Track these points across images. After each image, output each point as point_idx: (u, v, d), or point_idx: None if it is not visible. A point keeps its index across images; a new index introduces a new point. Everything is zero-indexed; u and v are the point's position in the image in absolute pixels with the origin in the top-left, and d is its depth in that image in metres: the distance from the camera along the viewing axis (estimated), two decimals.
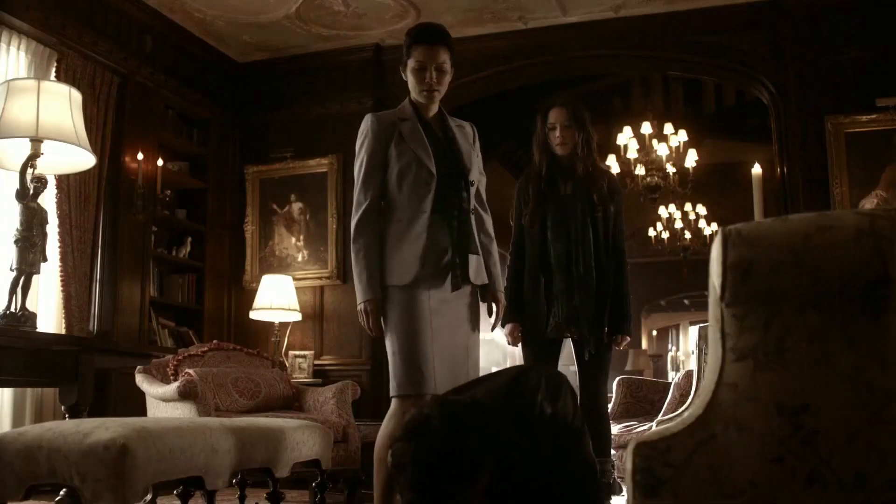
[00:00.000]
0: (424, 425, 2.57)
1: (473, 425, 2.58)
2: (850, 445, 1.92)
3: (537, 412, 2.78)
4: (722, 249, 1.90)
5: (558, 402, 2.81)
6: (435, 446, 2.52)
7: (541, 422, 2.78)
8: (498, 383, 2.91)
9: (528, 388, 2.84)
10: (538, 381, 2.84)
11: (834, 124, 7.51)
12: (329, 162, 8.73)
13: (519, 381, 2.87)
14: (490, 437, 2.59)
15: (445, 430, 2.54)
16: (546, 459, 2.73)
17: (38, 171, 4.48)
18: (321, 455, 4.02)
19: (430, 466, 2.52)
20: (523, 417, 2.77)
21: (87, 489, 2.68)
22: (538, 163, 5.04)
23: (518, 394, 2.83)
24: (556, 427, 2.78)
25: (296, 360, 8.53)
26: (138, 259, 7.88)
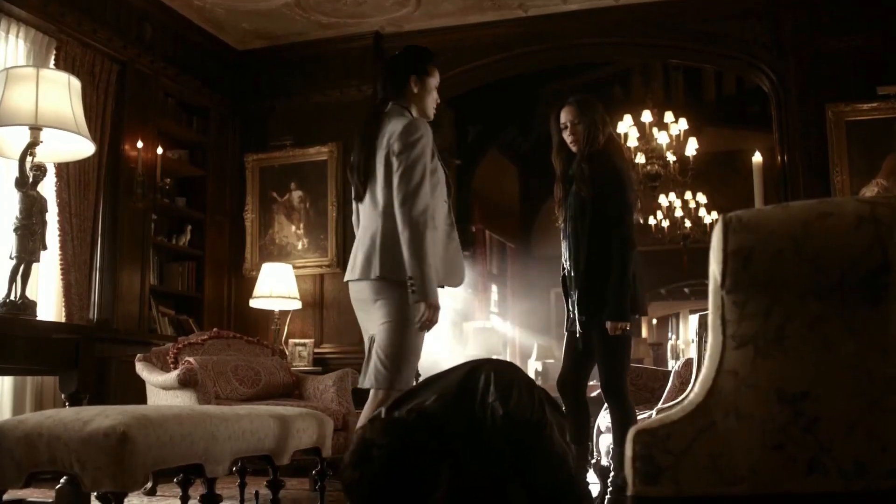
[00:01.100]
0: (367, 452, 2.55)
1: (421, 443, 2.55)
2: (850, 433, 1.92)
3: (489, 414, 2.72)
4: (722, 236, 1.90)
5: (510, 400, 2.73)
6: (380, 473, 2.51)
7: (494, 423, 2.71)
8: (447, 386, 2.84)
9: (478, 389, 2.78)
10: (487, 381, 2.77)
11: (835, 112, 7.50)
12: (329, 150, 8.72)
13: (468, 383, 2.80)
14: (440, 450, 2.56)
15: (390, 454, 2.52)
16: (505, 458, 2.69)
17: (38, 159, 4.47)
18: (321, 443, 4.03)
19: (378, 493, 2.52)
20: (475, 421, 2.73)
21: (87, 476, 2.68)
22: (555, 165, 5.00)
23: (468, 397, 2.77)
24: (512, 425, 2.72)
25: (296, 348, 8.54)
26: (138, 247, 7.87)
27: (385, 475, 2.49)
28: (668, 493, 1.95)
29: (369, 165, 4.25)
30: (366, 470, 2.52)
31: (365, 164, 4.27)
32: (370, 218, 4.27)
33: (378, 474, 2.50)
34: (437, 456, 2.54)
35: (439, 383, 2.87)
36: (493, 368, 2.84)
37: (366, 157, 4.26)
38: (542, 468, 2.72)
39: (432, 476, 2.50)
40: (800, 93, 7.72)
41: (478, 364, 2.88)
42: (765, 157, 6.84)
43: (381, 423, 2.65)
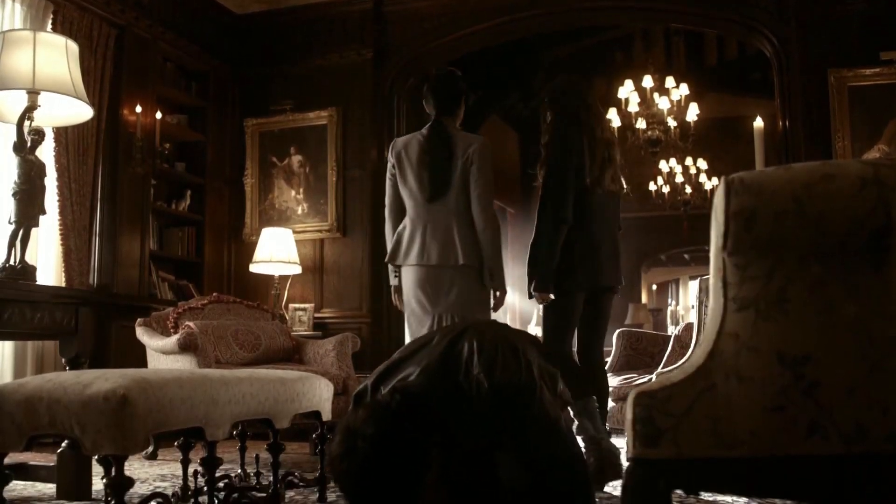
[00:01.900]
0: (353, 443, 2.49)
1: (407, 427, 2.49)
2: (851, 396, 1.92)
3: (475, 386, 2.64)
4: (725, 198, 1.89)
5: (495, 369, 2.65)
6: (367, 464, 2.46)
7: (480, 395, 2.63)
8: (430, 359, 2.75)
9: (461, 360, 2.70)
10: (470, 350, 2.70)
11: (837, 78, 7.46)
12: (329, 114, 8.69)
13: (451, 354, 2.73)
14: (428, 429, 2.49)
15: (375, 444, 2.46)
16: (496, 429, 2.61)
17: (36, 123, 4.44)
18: (321, 406, 4.03)
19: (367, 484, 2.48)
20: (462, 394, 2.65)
21: (87, 439, 2.68)
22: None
23: (452, 369, 2.70)
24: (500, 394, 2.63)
25: (296, 312, 8.55)
26: (138, 212, 7.87)
27: (372, 465, 2.44)
28: (667, 455, 1.95)
29: (448, 171, 5.06)
30: (353, 462, 2.47)
31: (443, 174, 5.06)
32: (441, 214, 5.07)
33: (365, 465, 2.45)
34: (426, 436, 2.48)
35: (421, 354, 2.78)
36: (476, 335, 2.76)
37: (444, 164, 5.06)
38: (534, 434, 2.67)
39: (422, 458, 2.45)
40: (802, 58, 7.67)
41: (460, 332, 2.79)
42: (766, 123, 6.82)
43: (364, 411, 2.57)
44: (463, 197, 5.06)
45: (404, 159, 5.21)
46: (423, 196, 5.12)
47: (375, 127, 8.73)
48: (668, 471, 1.97)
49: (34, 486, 4.76)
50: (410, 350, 2.89)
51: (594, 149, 5.05)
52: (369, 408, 2.55)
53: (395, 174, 5.26)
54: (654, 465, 1.97)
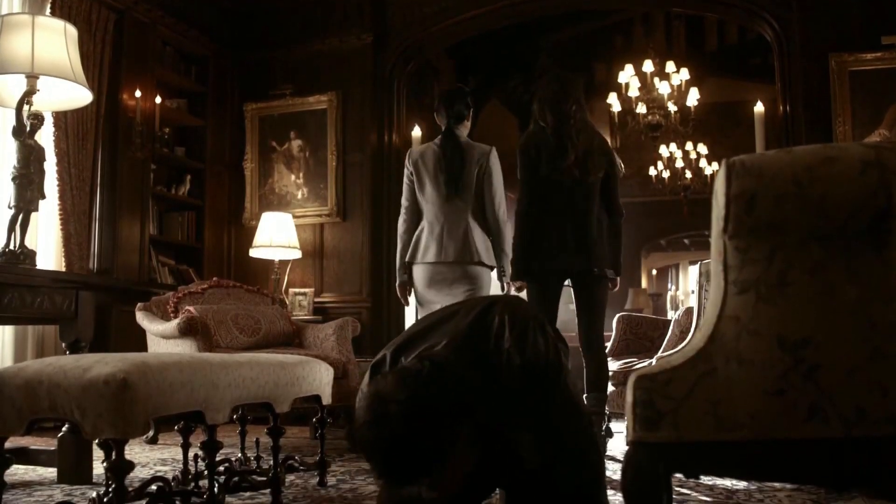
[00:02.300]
0: (384, 409, 2.38)
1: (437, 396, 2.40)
2: (851, 379, 1.92)
3: (504, 361, 2.58)
4: (725, 180, 1.89)
5: (527, 345, 2.59)
6: (400, 430, 2.35)
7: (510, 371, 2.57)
8: (457, 330, 2.67)
9: (491, 333, 2.62)
10: (501, 324, 2.63)
11: (838, 62, 7.44)
12: (329, 99, 8.68)
13: (480, 326, 2.65)
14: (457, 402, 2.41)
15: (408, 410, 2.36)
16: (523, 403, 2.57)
17: (35, 107, 4.44)
18: (321, 390, 4.03)
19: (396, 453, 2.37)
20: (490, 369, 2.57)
21: (87, 424, 2.68)
22: None
23: (481, 342, 2.62)
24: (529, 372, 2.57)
25: (296, 297, 8.55)
26: (137, 197, 7.86)
27: (405, 431, 2.34)
28: (668, 438, 1.95)
29: (461, 175, 5.65)
30: (385, 427, 2.35)
31: (458, 175, 5.65)
32: (456, 215, 5.65)
33: (398, 430, 2.34)
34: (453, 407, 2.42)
35: (447, 326, 2.70)
36: (506, 309, 2.69)
37: (458, 168, 5.66)
38: (557, 415, 2.63)
39: (449, 428, 2.39)
40: (803, 42, 7.65)
41: (489, 304, 2.72)
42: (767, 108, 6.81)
43: (394, 377, 2.48)
44: (477, 199, 5.70)
45: (421, 166, 5.77)
46: (440, 196, 5.69)
47: (375, 111, 8.72)
48: (667, 454, 1.97)
49: (35, 471, 4.77)
50: (431, 322, 2.81)
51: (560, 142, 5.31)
52: (398, 374, 2.47)
53: (413, 181, 5.81)
54: (653, 449, 1.97)
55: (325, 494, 4.06)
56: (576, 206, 5.29)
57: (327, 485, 4.33)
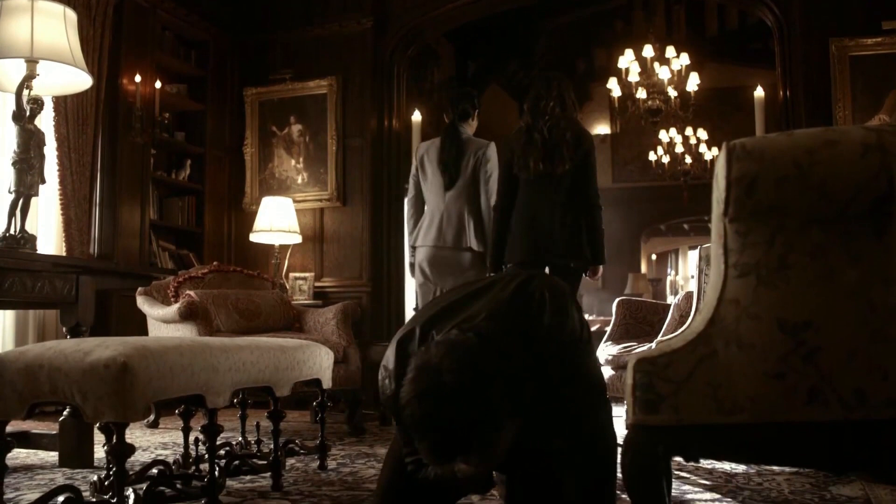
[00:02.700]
0: (436, 379, 2.28)
1: (488, 366, 2.31)
2: (851, 362, 1.92)
3: (545, 335, 2.53)
4: (726, 163, 1.88)
5: (566, 319, 2.55)
6: (452, 405, 2.25)
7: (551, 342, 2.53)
8: (497, 303, 2.60)
9: (532, 309, 2.57)
10: (542, 300, 2.57)
11: (838, 47, 7.43)
12: (329, 83, 8.66)
13: (521, 299, 2.59)
14: (505, 374, 2.32)
15: (461, 382, 2.26)
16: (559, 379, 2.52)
17: (35, 92, 4.43)
18: (322, 374, 4.04)
19: (449, 427, 2.26)
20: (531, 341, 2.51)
21: (88, 407, 2.68)
22: None
23: (522, 313, 2.56)
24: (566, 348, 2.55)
25: (296, 282, 8.55)
26: (137, 182, 7.86)
27: (459, 405, 2.24)
28: (667, 421, 1.96)
29: (458, 166, 6.23)
30: (439, 401, 2.25)
31: (454, 165, 6.24)
32: (452, 203, 6.25)
33: (452, 404, 2.24)
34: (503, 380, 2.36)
35: (483, 301, 2.64)
36: (545, 284, 2.66)
37: (455, 160, 6.25)
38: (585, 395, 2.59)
39: (499, 403, 2.33)
40: (803, 27, 7.63)
41: (527, 279, 2.67)
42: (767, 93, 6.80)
43: (442, 349, 2.37)
44: (473, 188, 6.25)
45: (426, 160, 6.44)
46: (440, 187, 6.32)
47: (375, 96, 8.70)
48: (667, 437, 1.98)
49: (36, 455, 4.78)
50: (461, 296, 2.72)
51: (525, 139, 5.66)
52: (446, 346, 2.39)
53: (418, 174, 6.50)
54: (653, 432, 1.97)
55: (325, 478, 4.07)
56: (544, 199, 5.58)
57: (328, 468, 4.34)
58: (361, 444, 5.35)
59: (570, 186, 5.57)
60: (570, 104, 5.78)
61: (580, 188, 5.58)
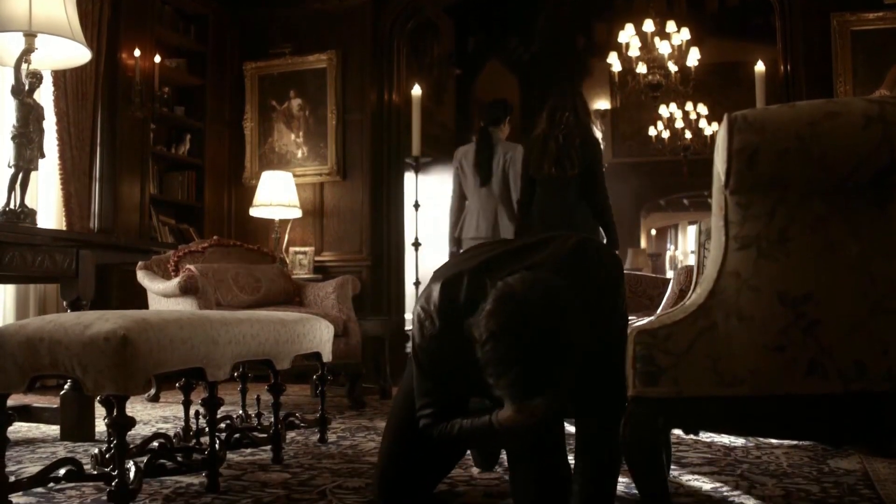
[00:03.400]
0: (524, 312, 2.24)
1: (570, 307, 2.28)
2: (851, 335, 1.92)
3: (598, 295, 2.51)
4: (727, 135, 1.88)
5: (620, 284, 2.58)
6: (540, 338, 2.21)
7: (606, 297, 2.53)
8: (559, 255, 2.58)
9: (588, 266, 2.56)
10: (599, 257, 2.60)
11: (840, 22, 7.40)
12: (328, 58, 8.64)
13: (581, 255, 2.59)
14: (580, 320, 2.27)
15: (548, 316, 2.24)
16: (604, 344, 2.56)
17: (33, 66, 4.41)
18: (322, 348, 4.04)
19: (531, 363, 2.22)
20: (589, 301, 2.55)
21: (88, 380, 2.69)
22: None
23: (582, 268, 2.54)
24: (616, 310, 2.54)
25: (296, 256, 8.56)
26: (137, 156, 7.85)
27: (545, 337, 2.20)
28: (667, 393, 1.96)
29: (489, 166, 7.13)
30: (526, 331, 2.21)
31: (486, 165, 7.15)
32: (486, 198, 7.20)
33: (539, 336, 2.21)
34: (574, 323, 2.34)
35: (544, 253, 2.60)
36: (603, 248, 2.74)
37: (486, 161, 7.15)
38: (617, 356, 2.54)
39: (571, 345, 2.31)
40: (804, 2, 7.60)
41: (585, 239, 2.64)
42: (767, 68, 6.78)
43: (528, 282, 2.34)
44: (504, 186, 7.14)
45: (463, 161, 7.37)
46: (476, 185, 7.23)
47: (375, 70, 8.69)
48: (667, 409, 1.98)
49: (38, 428, 4.80)
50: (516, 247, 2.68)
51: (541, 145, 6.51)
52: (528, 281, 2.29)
53: (459, 174, 7.42)
54: (653, 404, 1.98)
55: (325, 451, 4.08)
56: (555, 198, 6.40)
57: (328, 441, 4.35)
58: (361, 418, 5.37)
59: (581, 186, 6.39)
60: (584, 114, 6.64)
61: (590, 188, 6.40)
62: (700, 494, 3.09)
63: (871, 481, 3.26)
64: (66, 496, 3.09)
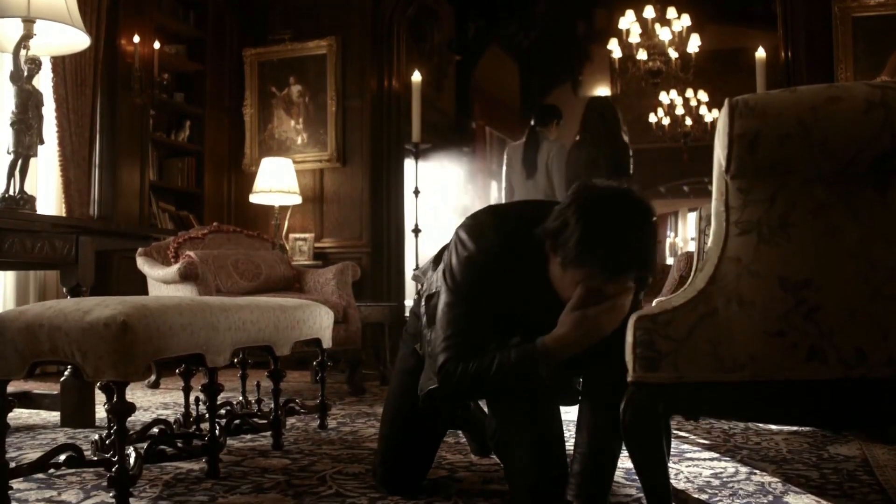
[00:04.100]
0: (608, 198, 2.33)
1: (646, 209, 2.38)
2: (851, 321, 1.92)
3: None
4: (729, 120, 1.87)
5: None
6: (625, 222, 2.28)
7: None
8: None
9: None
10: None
11: (841, 8, 7.38)
12: (328, 44, 8.63)
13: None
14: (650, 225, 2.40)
15: (630, 208, 2.32)
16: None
17: (32, 52, 4.40)
18: (322, 334, 4.04)
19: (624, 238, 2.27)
20: None
21: (88, 366, 2.68)
22: None
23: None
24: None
25: (296, 242, 8.56)
26: (137, 143, 7.85)
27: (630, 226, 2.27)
28: (668, 379, 1.96)
29: (535, 162, 7.76)
30: (613, 215, 2.28)
31: (532, 161, 7.78)
32: (532, 190, 7.74)
33: (626, 222, 2.27)
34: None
35: None
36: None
37: (532, 157, 7.79)
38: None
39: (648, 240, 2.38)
40: None
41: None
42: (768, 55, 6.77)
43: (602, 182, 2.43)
44: (547, 180, 7.74)
45: (512, 156, 8.00)
46: (523, 179, 7.83)
47: (375, 56, 8.68)
48: (667, 395, 1.98)
49: (38, 415, 4.81)
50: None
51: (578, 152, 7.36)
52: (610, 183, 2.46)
53: (507, 168, 8.02)
54: (653, 389, 1.97)
55: (325, 437, 4.09)
56: None
57: (328, 427, 4.36)
58: (361, 404, 5.37)
59: None
60: (615, 124, 7.39)
61: None
62: (700, 480, 3.09)
63: (871, 467, 3.26)
64: (66, 482, 3.09)
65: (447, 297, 2.59)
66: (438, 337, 2.58)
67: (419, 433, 2.95)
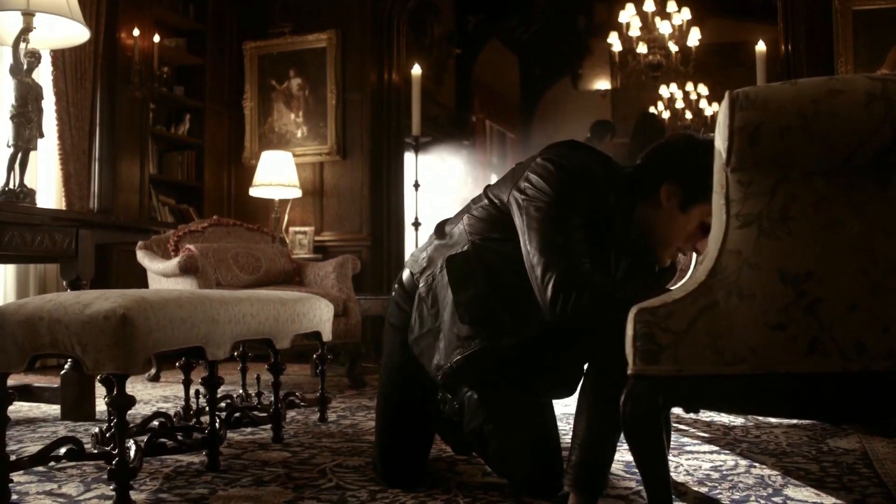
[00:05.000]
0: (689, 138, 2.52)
1: None
2: (852, 314, 1.92)
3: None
4: (729, 113, 1.87)
5: None
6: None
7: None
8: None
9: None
10: None
11: (841, 2, 7.37)
12: (328, 37, 8.62)
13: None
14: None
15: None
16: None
17: (32, 45, 4.40)
18: (322, 327, 4.04)
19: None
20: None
21: (88, 359, 2.68)
22: None
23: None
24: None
25: (296, 236, 8.56)
26: (137, 136, 7.85)
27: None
28: (668, 372, 1.96)
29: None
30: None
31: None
32: None
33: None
34: None
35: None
36: None
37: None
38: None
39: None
40: None
41: None
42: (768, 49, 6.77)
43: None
44: None
45: None
46: None
47: (375, 50, 8.68)
48: (667, 387, 1.98)
49: (39, 408, 4.81)
50: None
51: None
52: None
53: None
54: (653, 382, 1.97)
55: (325, 430, 4.09)
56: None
57: (328, 420, 4.36)
58: (361, 397, 5.38)
59: None
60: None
61: None
62: (699, 472, 3.10)
63: (870, 460, 3.27)
64: (66, 475, 3.10)
65: (535, 214, 2.43)
66: (535, 260, 2.38)
67: (414, 427, 2.96)
